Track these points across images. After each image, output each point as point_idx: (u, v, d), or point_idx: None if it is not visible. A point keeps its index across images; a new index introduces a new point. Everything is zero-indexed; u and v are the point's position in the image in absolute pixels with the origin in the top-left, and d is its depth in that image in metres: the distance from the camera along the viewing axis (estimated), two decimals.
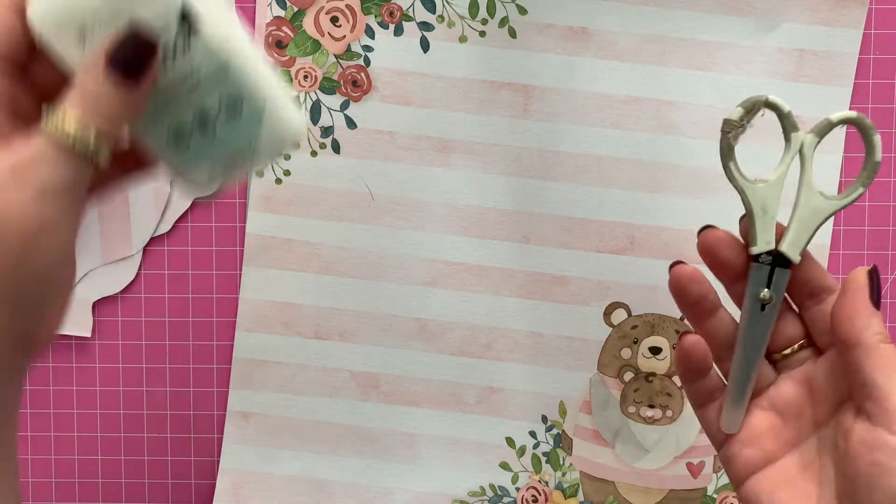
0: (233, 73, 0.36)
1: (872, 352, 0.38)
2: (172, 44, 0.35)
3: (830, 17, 0.58)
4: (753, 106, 0.42)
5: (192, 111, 0.37)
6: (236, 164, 0.38)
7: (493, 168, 0.60)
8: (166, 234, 0.61)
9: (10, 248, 0.33)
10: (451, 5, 0.59)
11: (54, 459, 0.62)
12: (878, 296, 0.40)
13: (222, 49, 0.36)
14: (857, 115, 0.41)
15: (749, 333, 0.42)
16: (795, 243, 0.41)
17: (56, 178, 0.33)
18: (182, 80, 0.36)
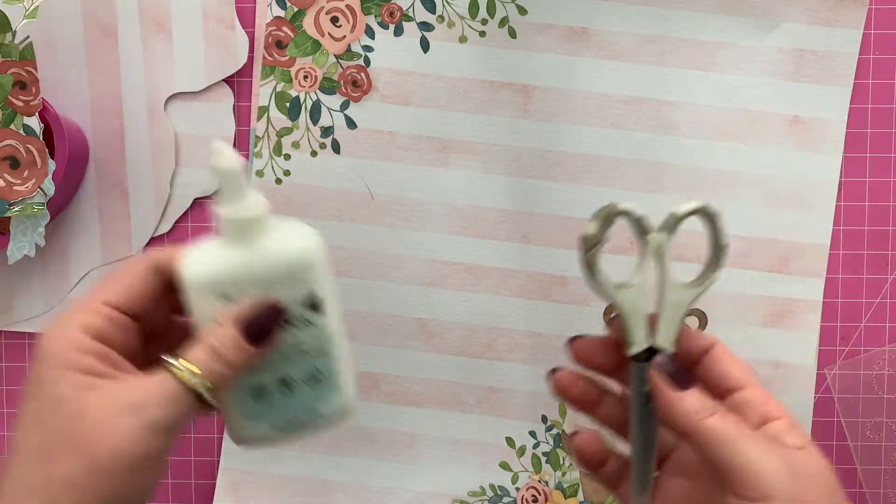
0: (328, 355, 0.42)
1: (700, 434, 0.40)
2: (294, 322, 0.41)
3: (830, 17, 0.58)
4: (607, 217, 0.43)
5: (279, 374, 0.42)
6: (292, 430, 0.43)
7: (493, 168, 0.60)
8: (166, 234, 0.61)
9: (117, 476, 0.37)
10: (451, 5, 0.59)
11: None
12: (678, 376, 0.41)
13: (330, 335, 0.42)
14: (701, 205, 0.43)
15: (640, 426, 0.43)
16: (667, 337, 0.43)
17: (171, 417, 0.38)
18: (287, 351, 0.41)
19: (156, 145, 0.60)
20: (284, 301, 0.41)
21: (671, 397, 0.41)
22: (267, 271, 0.41)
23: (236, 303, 0.40)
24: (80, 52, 0.60)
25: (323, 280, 0.42)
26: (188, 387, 0.38)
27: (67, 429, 0.37)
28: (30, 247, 0.56)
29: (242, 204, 0.41)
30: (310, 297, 0.41)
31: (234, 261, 0.41)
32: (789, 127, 0.59)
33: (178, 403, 0.38)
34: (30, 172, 0.55)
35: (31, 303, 0.61)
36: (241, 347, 0.39)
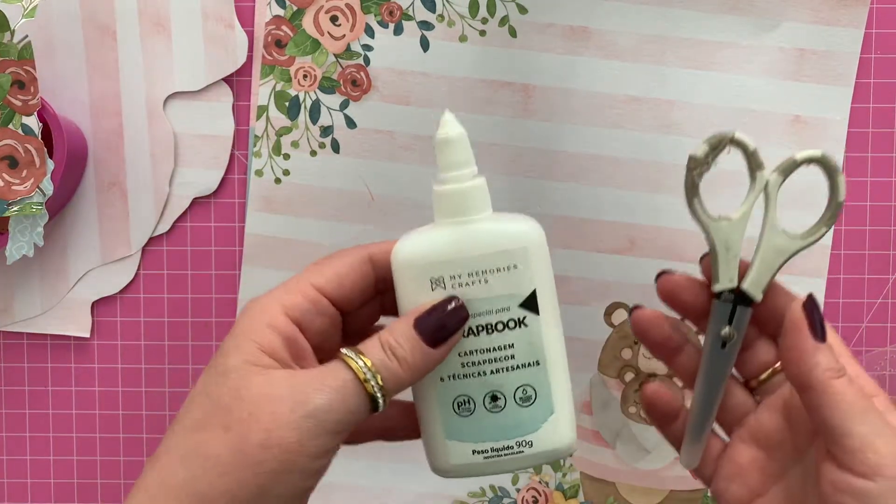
0: (542, 368, 0.39)
1: (824, 392, 0.37)
2: (504, 321, 0.38)
3: (831, 17, 0.58)
4: (719, 143, 0.41)
5: (488, 388, 0.39)
6: (499, 458, 0.39)
7: (493, 168, 0.59)
8: (166, 234, 0.61)
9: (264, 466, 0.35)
10: (451, 4, 0.59)
11: (53, 460, 0.62)
12: (820, 326, 0.38)
13: (544, 342, 0.39)
14: (822, 155, 0.41)
15: (709, 371, 0.41)
16: (758, 282, 0.41)
17: (333, 409, 0.35)
18: (496, 356, 0.39)
19: (155, 145, 0.60)
20: (500, 296, 0.38)
21: (809, 346, 0.38)
22: (479, 254, 0.38)
23: (444, 291, 0.38)
24: (80, 51, 0.59)
25: (541, 275, 0.39)
26: (358, 379, 0.36)
27: (226, 405, 0.35)
28: (28, 247, 0.56)
29: (467, 175, 0.39)
30: (525, 292, 0.38)
31: (445, 240, 0.38)
32: (790, 126, 0.59)
33: (343, 395, 0.36)
34: (28, 172, 0.55)
35: (30, 303, 0.61)
36: (416, 346, 0.37)
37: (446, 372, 0.39)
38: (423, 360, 0.37)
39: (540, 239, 0.39)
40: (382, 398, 0.37)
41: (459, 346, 0.39)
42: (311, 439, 0.35)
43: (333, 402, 0.35)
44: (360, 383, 0.36)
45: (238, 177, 0.60)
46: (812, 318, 0.38)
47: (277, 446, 0.35)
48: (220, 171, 0.60)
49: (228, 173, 0.60)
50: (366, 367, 0.36)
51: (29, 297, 0.61)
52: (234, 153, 0.60)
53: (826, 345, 0.38)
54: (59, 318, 0.61)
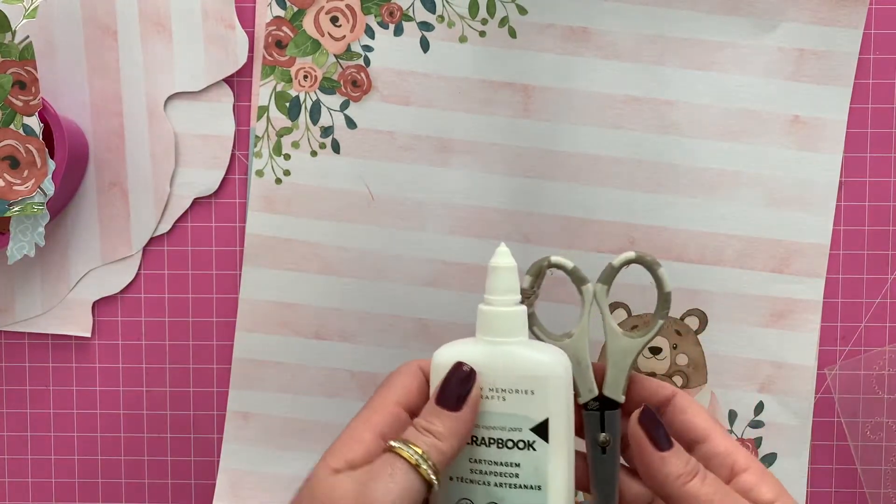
0: (542, 496, 0.41)
1: (681, 498, 0.40)
2: (514, 440, 0.41)
3: (830, 17, 0.58)
4: (539, 271, 0.44)
5: (490, 499, 0.42)
6: None
7: (493, 168, 0.59)
8: (166, 234, 0.61)
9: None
10: (451, 5, 0.59)
11: (54, 459, 0.62)
12: (660, 436, 0.41)
13: (548, 469, 0.41)
14: (636, 255, 0.44)
15: (598, 476, 0.44)
16: (616, 385, 0.44)
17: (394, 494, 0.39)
18: (501, 471, 0.41)
19: (155, 145, 0.60)
20: (514, 416, 0.41)
21: (654, 458, 0.41)
22: (503, 373, 0.41)
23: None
24: (80, 51, 0.60)
25: (558, 408, 0.41)
26: (409, 463, 0.39)
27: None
28: (30, 247, 0.56)
29: (508, 301, 0.42)
30: (538, 418, 0.41)
31: (477, 352, 0.42)
32: (789, 127, 0.59)
33: (399, 480, 0.39)
34: (29, 172, 0.55)
35: (31, 303, 0.61)
36: (444, 416, 0.40)
37: (455, 473, 0.42)
38: (455, 425, 0.40)
39: (562, 372, 0.42)
40: (435, 475, 0.40)
41: (470, 452, 0.42)
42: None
43: (390, 486, 0.39)
44: (406, 463, 0.39)
45: (239, 177, 0.60)
46: (650, 431, 0.42)
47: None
48: (220, 172, 0.60)
49: (229, 173, 0.60)
50: (415, 453, 0.40)
51: (30, 296, 0.61)
52: (234, 153, 0.60)
53: (672, 451, 0.41)
54: (60, 317, 0.61)
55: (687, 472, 0.41)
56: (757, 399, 0.60)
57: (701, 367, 0.60)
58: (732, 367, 0.60)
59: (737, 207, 0.59)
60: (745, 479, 0.42)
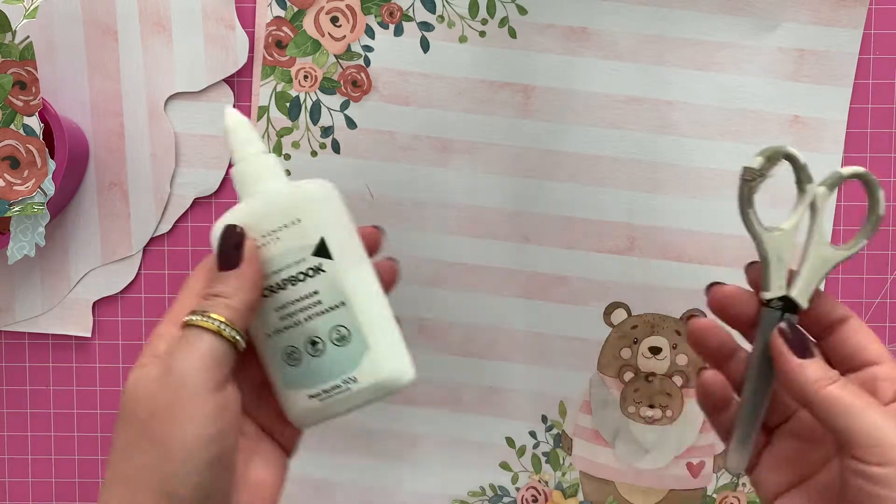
0: (349, 308, 0.42)
1: (821, 404, 0.40)
2: (303, 270, 0.42)
3: (830, 17, 0.58)
4: (774, 155, 0.43)
5: (306, 335, 0.42)
6: (335, 399, 0.42)
7: (493, 168, 0.60)
8: (166, 234, 0.61)
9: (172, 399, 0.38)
10: (451, 5, 0.59)
11: (54, 459, 0.62)
12: (799, 344, 0.42)
13: (343, 282, 0.42)
14: (864, 172, 0.43)
15: (756, 377, 0.43)
16: (805, 290, 0.43)
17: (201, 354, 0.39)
18: (304, 304, 0.42)
19: (156, 145, 0.60)
20: (292, 249, 0.41)
21: (792, 365, 0.41)
22: (266, 216, 0.42)
23: None
24: (80, 51, 0.60)
25: (329, 224, 0.42)
26: (211, 331, 0.39)
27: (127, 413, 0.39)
28: (30, 247, 0.56)
29: (251, 152, 0.43)
30: (313, 242, 0.42)
31: (240, 210, 0.42)
32: (789, 127, 0.59)
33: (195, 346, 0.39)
34: (30, 172, 0.55)
35: (32, 303, 0.61)
36: (227, 277, 0.41)
37: (269, 328, 0.42)
38: (239, 282, 0.41)
39: (322, 193, 0.43)
40: (237, 335, 0.40)
41: (274, 300, 0.42)
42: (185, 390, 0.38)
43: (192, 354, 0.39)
44: (214, 334, 0.39)
45: None
46: (790, 339, 0.42)
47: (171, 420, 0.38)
48: (220, 172, 0.60)
49: (229, 173, 0.60)
50: (212, 319, 0.39)
51: (30, 296, 0.61)
52: None
53: (811, 360, 0.41)
54: (61, 317, 0.61)
55: (825, 378, 0.41)
56: None
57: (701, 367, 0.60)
58: None
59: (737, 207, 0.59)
60: (877, 371, 0.42)
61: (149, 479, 0.38)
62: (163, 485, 0.37)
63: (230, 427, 0.39)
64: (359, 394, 0.42)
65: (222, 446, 0.39)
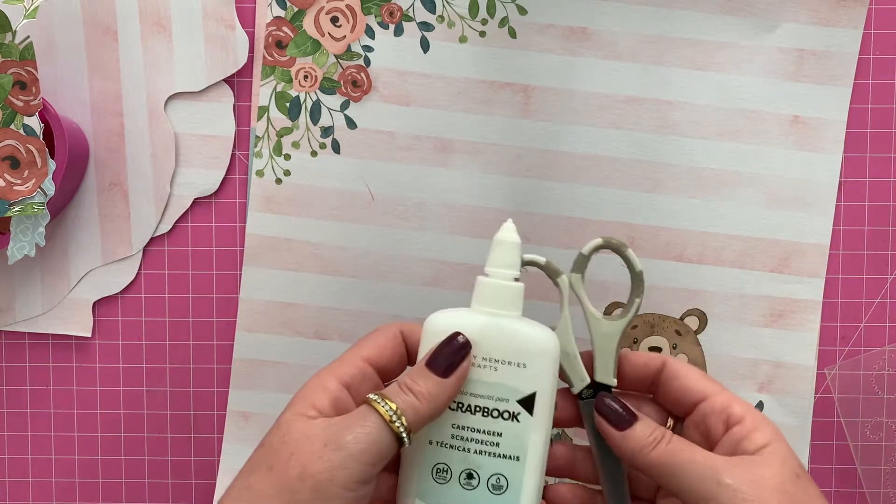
0: (521, 464, 0.42)
1: (651, 468, 0.41)
2: (500, 410, 0.42)
3: (830, 17, 0.58)
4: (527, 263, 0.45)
5: (467, 464, 0.42)
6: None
7: (493, 168, 0.60)
8: (166, 234, 0.61)
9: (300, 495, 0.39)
10: (451, 5, 0.59)
11: (54, 459, 0.62)
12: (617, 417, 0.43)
13: (529, 441, 0.42)
14: (603, 240, 0.45)
15: (604, 464, 0.45)
16: (605, 369, 0.44)
17: (361, 443, 0.40)
18: (483, 439, 0.42)
19: (156, 145, 0.60)
20: (503, 386, 0.42)
21: (616, 437, 0.42)
22: (497, 344, 0.42)
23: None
24: (80, 51, 0.60)
25: (546, 384, 0.42)
26: (384, 419, 0.40)
27: (274, 449, 0.40)
28: (30, 247, 0.56)
29: (509, 276, 0.43)
30: (526, 391, 0.42)
31: (474, 321, 0.42)
32: (789, 127, 0.59)
33: (370, 432, 0.40)
34: (30, 172, 0.55)
35: (32, 303, 0.61)
36: (429, 379, 0.41)
37: (436, 437, 0.43)
38: (438, 391, 0.41)
39: (554, 350, 0.43)
40: (406, 433, 0.41)
41: (454, 418, 0.42)
42: (339, 469, 0.39)
43: (361, 437, 0.40)
44: (385, 422, 0.40)
45: (239, 177, 0.60)
46: (607, 414, 0.43)
47: (311, 477, 0.39)
48: (220, 172, 0.60)
49: (229, 173, 0.60)
50: (390, 409, 0.40)
51: (30, 296, 0.61)
52: (234, 153, 0.60)
53: (635, 426, 0.42)
54: (61, 317, 0.61)
55: (648, 444, 0.42)
56: (756, 399, 0.60)
57: (701, 366, 0.60)
58: (732, 367, 0.60)
59: (737, 207, 0.59)
60: (738, 430, 0.42)
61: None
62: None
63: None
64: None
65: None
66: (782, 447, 0.42)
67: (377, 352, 0.43)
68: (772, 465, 0.41)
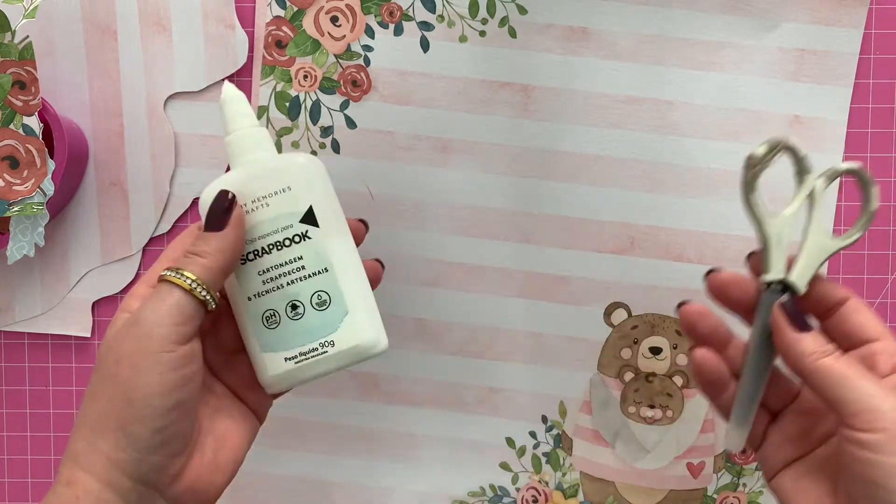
0: (331, 274, 0.44)
1: (815, 374, 0.42)
2: (289, 236, 0.44)
3: (831, 17, 0.58)
4: (777, 145, 0.45)
5: (287, 299, 0.44)
6: (311, 362, 0.44)
7: (493, 168, 0.59)
8: (166, 234, 0.61)
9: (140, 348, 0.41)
10: (451, 5, 0.59)
11: (54, 459, 0.62)
12: (797, 318, 0.43)
13: (327, 249, 0.44)
14: (859, 168, 0.45)
15: (755, 359, 0.45)
16: (803, 275, 0.44)
17: (171, 308, 0.41)
18: (288, 269, 0.44)
19: (155, 145, 0.60)
20: (280, 215, 0.43)
21: (790, 337, 0.43)
22: (258, 182, 0.44)
23: None
24: (80, 51, 0.60)
25: (317, 196, 0.44)
26: (181, 288, 0.41)
27: (101, 362, 0.41)
28: (29, 247, 0.56)
29: (247, 125, 0.45)
30: (302, 209, 0.44)
31: (232, 176, 0.44)
32: (790, 126, 0.59)
33: (166, 300, 0.41)
34: (29, 172, 0.55)
35: (31, 303, 0.61)
36: (209, 238, 0.43)
37: (251, 291, 0.44)
38: (221, 244, 0.42)
39: (312, 164, 0.45)
40: (207, 293, 0.42)
41: (257, 264, 0.44)
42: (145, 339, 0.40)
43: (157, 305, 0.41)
44: (184, 290, 0.41)
45: None
46: (789, 313, 0.43)
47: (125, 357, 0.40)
48: (220, 172, 0.60)
49: None
50: (184, 277, 0.41)
51: (30, 296, 0.61)
52: None
53: (808, 333, 0.43)
54: (60, 317, 0.61)
55: (821, 351, 0.42)
56: None
57: None
58: None
59: (737, 207, 0.59)
60: (876, 347, 0.43)
61: (111, 422, 0.40)
62: (123, 426, 0.40)
63: (191, 378, 0.41)
64: (334, 357, 0.44)
65: (182, 395, 0.41)
66: None
67: (182, 248, 0.44)
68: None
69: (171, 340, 0.41)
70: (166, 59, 0.59)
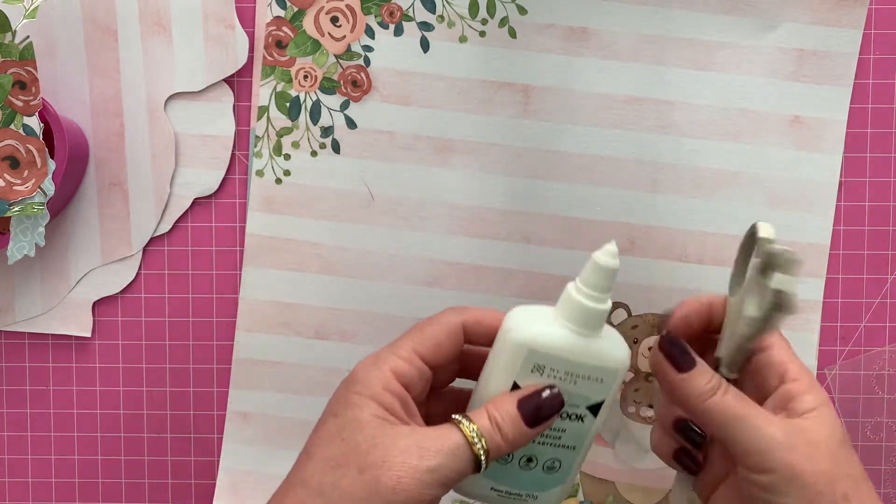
0: (574, 454, 0.45)
1: (703, 414, 0.42)
2: (569, 413, 0.44)
3: (830, 17, 0.58)
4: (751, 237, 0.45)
5: (528, 451, 0.44)
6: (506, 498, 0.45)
7: (493, 168, 0.59)
8: (166, 234, 0.61)
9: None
10: (451, 5, 0.59)
11: (54, 459, 0.62)
12: (679, 358, 0.43)
13: (588, 439, 0.45)
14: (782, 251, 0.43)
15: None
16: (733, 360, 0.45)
17: (449, 468, 0.41)
18: (547, 433, 0.44)
19: (156, 145, 0.60)
20: (579, 395, 0.43)
21: (674, 380, 0.43)
22: (582, 363, 0.43)
23: (539, 377, 0.43)
24: (80, 51, 0.60)
25: (614, 391, 0.44)
26: (470, 445, 0.41)
27: (362, 450, 0.41)
28: (30, 247, 0.56)
29: (603, 299, 0.43)
30: (596, 400, 0.44)
31: (566, 342, 0.43)
32: (789, 127, 0.59)
33: (458, 458, 0.41)
34: (30, 172, 0.55)
35: (31, 303, 0.61)
36: (517, 424, 0.42)
37: None
38: (521, 437, 0.42)
39: (626, 364, 0.44)
40: (485, 461, 0.41)
41: None
42: (428, 489, 0.40)
43: (450, 463, 0.41)
44: (469, 446, 0.41)
45: (239, 177, 0.60)
46: (670, 353, 0.43)
47: (405, 492, 0.40)
48: (220, 172, 0.60)
49: (229, 173, 0.60)
50: (475, 433, 0.41)
51: (30, 296, 0.61)
52: (234, 153, 0.60)
53: (693, 371, 0.43)
54: (61, 317, 0.61)
55: (707, 390, 0.42)
56: None
57: None
58: None
59: (737, 207, 0.59)
60: (792, 388, 0.43)
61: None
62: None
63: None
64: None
65: None
66: (831, 412, 0.42)
67: (435, 350, 0.44)
68: (822, 427, 0.41)
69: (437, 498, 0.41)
70: (166, 59, 0.59)
